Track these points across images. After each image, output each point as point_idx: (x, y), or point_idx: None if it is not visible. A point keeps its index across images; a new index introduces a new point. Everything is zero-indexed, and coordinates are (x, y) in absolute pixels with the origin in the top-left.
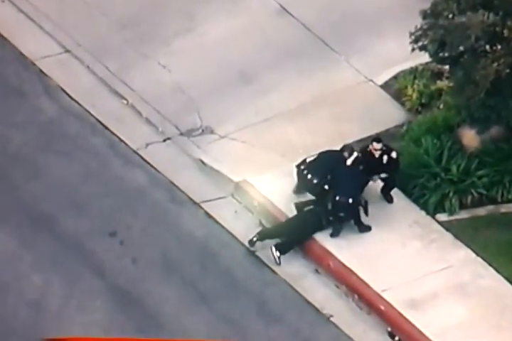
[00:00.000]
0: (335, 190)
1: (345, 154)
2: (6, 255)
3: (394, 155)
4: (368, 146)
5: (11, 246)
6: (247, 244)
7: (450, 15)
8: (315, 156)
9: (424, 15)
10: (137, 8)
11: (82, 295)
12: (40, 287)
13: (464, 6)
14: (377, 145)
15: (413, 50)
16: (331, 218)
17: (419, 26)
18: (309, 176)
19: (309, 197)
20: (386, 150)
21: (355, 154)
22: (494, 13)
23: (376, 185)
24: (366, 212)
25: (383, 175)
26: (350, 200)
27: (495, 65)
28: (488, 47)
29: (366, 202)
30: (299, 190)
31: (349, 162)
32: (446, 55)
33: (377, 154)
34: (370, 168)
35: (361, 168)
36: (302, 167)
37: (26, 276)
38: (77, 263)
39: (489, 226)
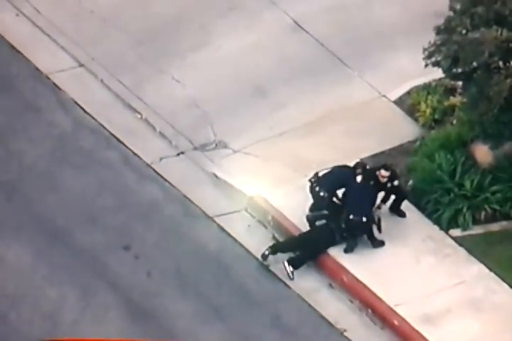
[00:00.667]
0: (348, 209)
1: (358, 171)
2: (21, 267)
3: (396, 183)
4: (377, 170)
5: (26, 259)
6: (260, 257)
7: (464, 31)
8: (327, 170)
9: (438, 30)
10: (152, 23)
11: (96, 308)
12: (55, 299)
13: (478, 22)
14: (385, 173)
15: (426, 65)
16: (344, 234)
17: (432, 42)
18: (317, 189)
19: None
20: (391, 178)
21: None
22: (508, 29)
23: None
24: (379, 229)
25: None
26: (364, 219)
27: (508, 80)
28: (501, 63)
29: (379, 219)
30: (313, 206)
31: (359, 179)
32: (460, 70)
33: (383, 180)
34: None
35: (372, 183)
36: (313, 180)
37: (41, 289)
38: (91, 276)
39: (502, 242)
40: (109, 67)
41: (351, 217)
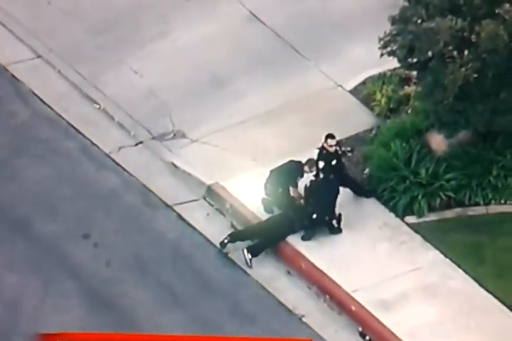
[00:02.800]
0: (311, 207)
1: (306, 168)
2: None
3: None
4: (322, 146)
5: None
6: (218, 245)
7: (419, 21)
8: (279, 165)
9: (393, 20)
10: (110, 14)
11: (57, 295)
12: (16, 287)
13: (433, 12)
14: (331, 141)
15: (382, 55)
16: (304, 224)
17: (388, 32)
18: (268, 186)
19: None
20: (339, 144)
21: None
22: (462, 18)
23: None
24: (339, 223)
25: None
26: (327, 218)
27: (463, 69)
28: (456, 52)
29: (340, 215)
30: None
31: (319, 176)
32: (415, 60)
33: (331, 149)
34: (334, 163)
35: (322, 165)
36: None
37: (1, 277)
38: (51, 264)
39: (457, 229)
40: (67, 58)
41: (314, 216)
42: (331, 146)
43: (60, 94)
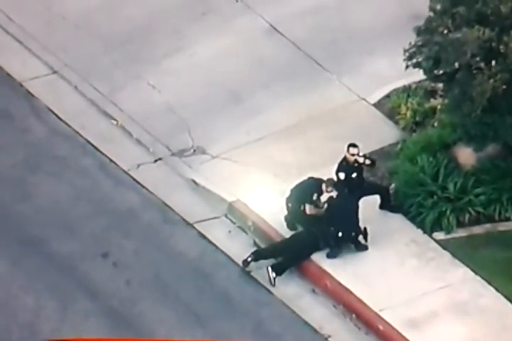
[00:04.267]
0: (335, 226)
1: (324, 187)
2: None
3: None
4: (344, 158)
5: (1, 269)
6: (241, 264)
7: (445, 32)
8: (297, 184)
9: (419, 31)
10: (126, 29)
11: (75, 316)
12: (33, 309)
13: (459, 22)
14: (353, 150)
15: (407, 67)
16: (329, 242)
17: (413, 43)
18: (290, 203)
19: None
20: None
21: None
22: (490, 28)
23: (373, 202)
24: (366, 238)
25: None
26: (353, 234)
27: (491, 81)
28: (483, 63)
29: (365, 229)
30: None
31: (334, 194)
32: (441, 72)
33: (352, 159)
34: (355, 176)
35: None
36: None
37: (18, 298)
38: (69, 284)
39: (487, 245)
40: (83, 74)
41: (340, 234)
42: (352, 155)
43: (77, 110)
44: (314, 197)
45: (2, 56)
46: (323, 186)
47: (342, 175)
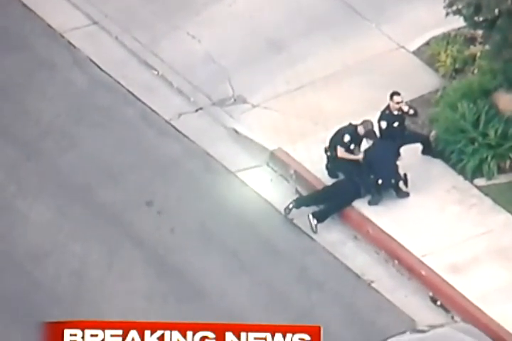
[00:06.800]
0: (375, 173)
1: (360, 128)
2: (44, 225)
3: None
4: (387, 106)
5: (49, 217)
6: (283, 212)
7: None
8: (335, 131)
9: None
10: None
11: (122, 264)
12: (81, 256)
13: None
14: (397, 98)
15: (447, 14)
16: (372, 190)
17: None
18: (329, 151)
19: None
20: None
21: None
22: None
23: (414, 150)
24: (406, 184)
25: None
26: (393, 181)
27: None
28: None
29: (405, 175)
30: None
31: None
32: (482, 19)
33: (397, 106)
34: (397, 125)
35: (385, 125)
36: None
37: (66, 246)
38: (115, 232)
39: None
40: (123, 24)
41: (380, 181)
42: (397, 103)
43: (118, 60)
44: (346, 139)
45: (42, 7)
46: (360, 127)
47: (384, 124)
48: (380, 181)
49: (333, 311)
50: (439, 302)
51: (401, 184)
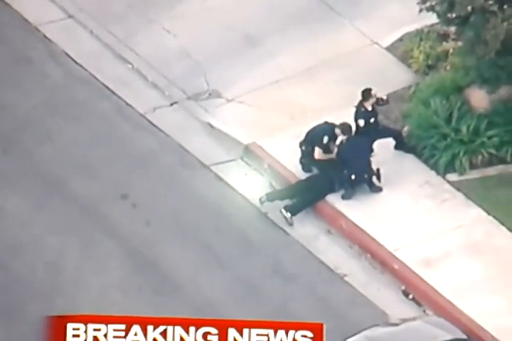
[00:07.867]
0: (348, 169)
1: (337, 131)
2: (20, 217)
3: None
4: (360, 104)
5: (25, 209)
6: (258, 202)
7: None
8: (311, 127)
9: None
10: None
11: (98, 256)
12: (57, 248)
13: None
14: (373, 92)
15: (421, 10)
16: (345, 184)
17: None
18: (304, 146)
19: None
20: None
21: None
22: None
23: (387, 145)
24: (379, 179)
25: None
26: (366, 176)
27: (505, 24)
28: (496, 7)
29: (378, 170)
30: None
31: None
32: (455, 15)
33: (373, 101)
34: (372, 121)
35: (363, 123)
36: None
37: (42, 238)
38: (91, 225)
39: (499, 186)
40: (98, 18)
41: (353, 176)
42: (374, 95)
43: (93, 54)
44: (325, 141)
45: (18, 1)
46: (336, 130)
47: (362, 122)
48: (353, 176)
49: (307, 304)
50: (411, 296)
51: (374, 179)
